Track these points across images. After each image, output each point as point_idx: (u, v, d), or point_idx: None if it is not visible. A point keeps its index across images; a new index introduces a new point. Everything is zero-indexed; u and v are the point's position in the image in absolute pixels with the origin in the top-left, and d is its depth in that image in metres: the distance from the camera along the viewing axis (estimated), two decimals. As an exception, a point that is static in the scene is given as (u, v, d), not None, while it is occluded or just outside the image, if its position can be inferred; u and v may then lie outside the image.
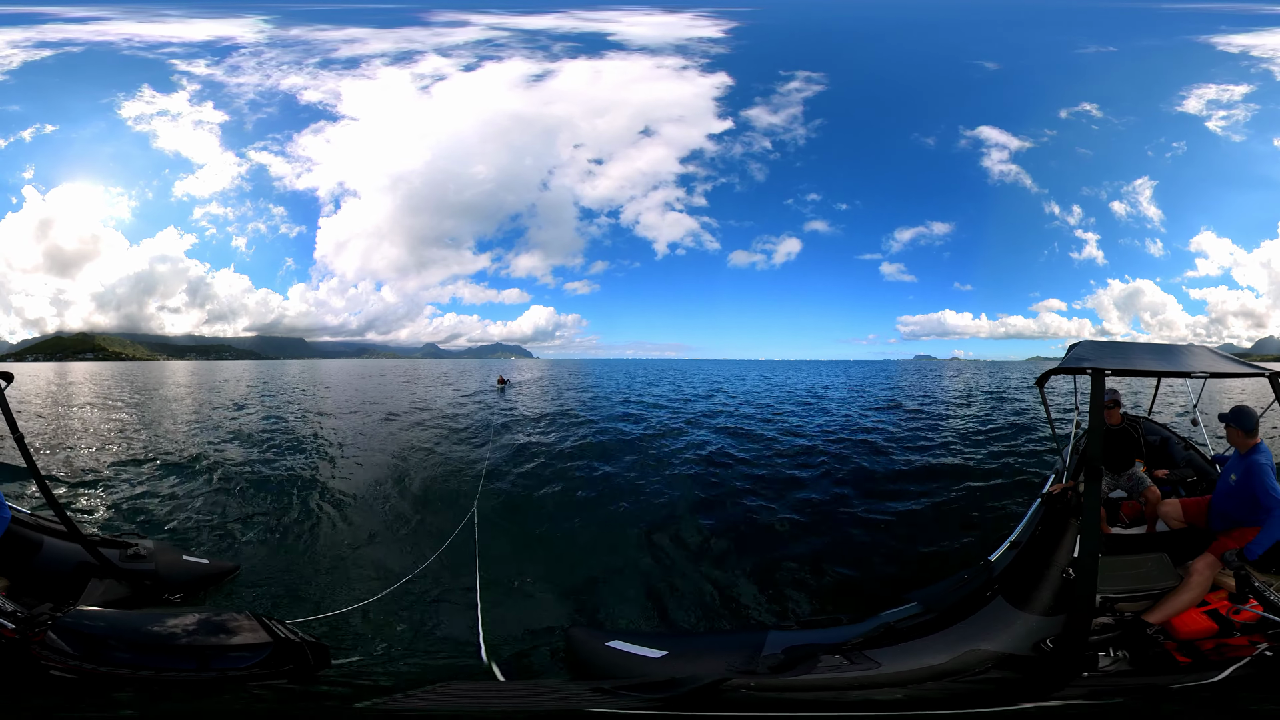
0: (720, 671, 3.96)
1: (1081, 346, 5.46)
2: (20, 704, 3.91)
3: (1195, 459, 7.33)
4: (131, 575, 5.87)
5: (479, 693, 4.17)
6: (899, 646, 4.23)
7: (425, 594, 6.63)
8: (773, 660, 4.20)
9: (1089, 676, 4.03)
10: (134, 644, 4.30)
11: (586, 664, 4.57)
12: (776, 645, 4.38)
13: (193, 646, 4.32)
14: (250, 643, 4.33)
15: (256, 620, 4.50)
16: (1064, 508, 5.00)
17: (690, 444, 15.56)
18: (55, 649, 4.11)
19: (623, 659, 4.43)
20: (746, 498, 10.36)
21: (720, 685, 3.80)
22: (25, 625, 4.20)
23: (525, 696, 4.15)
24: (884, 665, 4.03)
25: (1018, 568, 4.84)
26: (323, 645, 4.66)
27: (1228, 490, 4.97)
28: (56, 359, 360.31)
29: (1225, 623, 4.28)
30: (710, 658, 4.34)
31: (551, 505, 10.33)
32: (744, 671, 4.05)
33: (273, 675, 4.29)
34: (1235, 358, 5.37)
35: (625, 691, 3.83)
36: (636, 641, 4.61)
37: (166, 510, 9.26)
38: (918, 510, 9.41)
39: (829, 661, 4.08)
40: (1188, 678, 3.90)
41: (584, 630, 5.09)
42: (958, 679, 3.99)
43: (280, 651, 4.35)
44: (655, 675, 4.08)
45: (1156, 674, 4.05)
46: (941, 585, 5.15)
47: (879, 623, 4.63)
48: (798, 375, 65.67)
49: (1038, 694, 3.87)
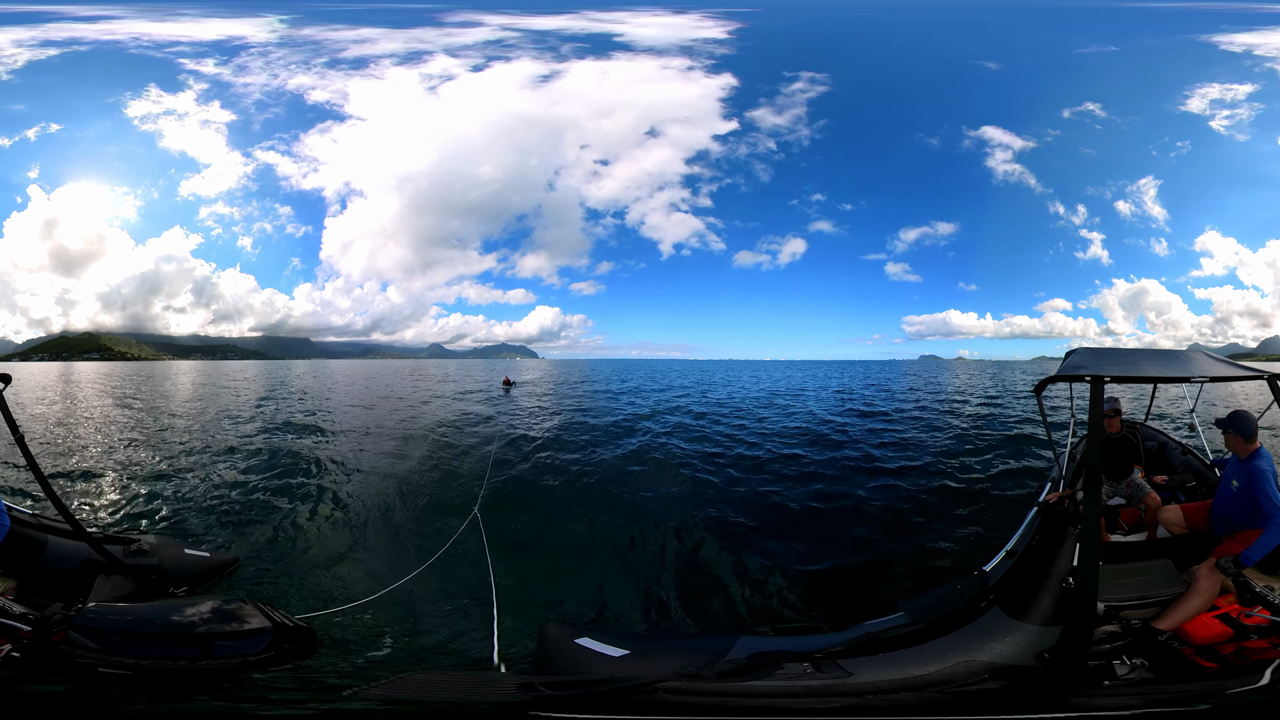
0: (663, 673, 3.86)
1: (1079, 354, 5.42)
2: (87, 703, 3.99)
3: (1193, 464, 7.29)
4: (136, 570, 5.91)
5: (430, 683, 4.19)
6: (879, 656, 4.12)
7: (425, 594, 6.67)
8: (729, 665, 4.08)
9: (1110, 685, 3.97)
10: (156, 636, 4.42)
11: (550, 660, 4.48)
12: (743, 650, 4.27)
13: (209, 635, 4.45)
14: (256, 628, 4.49)
15: (255, 607, 4.68)
16: (1061, 516, 4.93)
17: (690, 444, 15.61)
18: (80, 645, 4.18)
19: (584, 656, 4.35)
20: (747, 498, 10.39)
21: (650, 686, 3.69)
22: (40, 626, 4.27)
23: (465, 687, 4.12)
24: (855, 675, 3.90)
25: (1015, 577, 4.75)
26: (311, 630, 4.81)
27: (1230, 496, 4.94)
28: (62, 359, 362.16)
29: (1239, 626, 4.24)
30: (668, 659, 4.22)
31: (552, 505, 10.36)
32: (688, 674, 3.93)
33: (277, 659, 4.45)
34: (1233, 361, 5.34)
35: (553, 689, 3.76)
36: (604, 640, 4.53)
37: (166, 506, 9.33)
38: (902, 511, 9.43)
39: (792, 669, 3.95)
40: (1231, 683, 3.80)
41: (557, 626, 5.00)
42: (942, 689, 3.89)
43: (280, 636, 4.53)
44: (597, 673, 4.00)
45: (1183, 680, 4.00)
46: (932, 595, 5.06)
47: (861, 632, 4.52)
48: (797, 375, 65.56)
49: (1044, 703, 3.79)
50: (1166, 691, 3.95)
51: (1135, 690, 3.94)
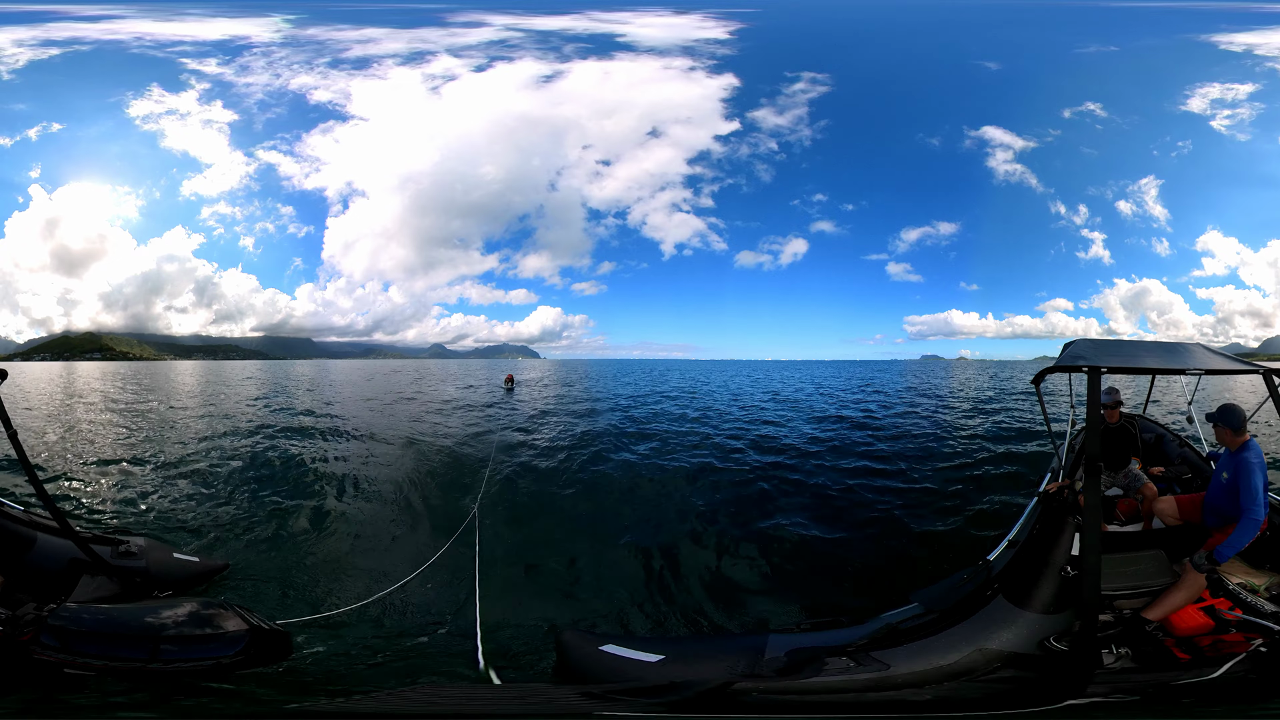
0: (723, 675, 3.90)
1: (1078, 345, 5.45)
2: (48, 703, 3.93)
3: (1190, 456, 7.32)
4: (122, 572, 5.88)
5: (467, 696, 4.09)
6: (905, 647, 4.21)
7: (424, 595, 6.62)
8: (777, 663, 4.15)
9: (1100, 674, 4.03)
10: (127, 637, 4.35)
11: (578, 668, 4.48)
12: (779, 648, 4.33)
13: (181, 637, 4.39)
14: (231, 631, 4.43)
15: (234, 610, 4.61)
16: (1061, 506, 5.00)
17: (690, 441, 15.55)
18: (50, 646, 4.12)
19: (618, 663, 4.35)
20: (743, 499, 10.35)
21: (728, 688, 3.72)
22: (11, 625, 4.23)
23: (515, 700, 4.07)
24: (893, 666, 3.99)
25: (1017, 566, 4.84)
26: (286, 634, 4.77)
27: (1221, 488, 4.99)
28: (63, 359, 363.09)
29: (1220, 619, 4.31)
30: (710, 661, 4.28)
31: (553, 505, 10.35)
32: (750, 675, 3.99)
33: (249, 663, 4.37)
34: (1230, 355, 5.36)
35: (620, 696, 3.73)
36: (631, 645, 4.54)
37: (159, 508, 9.29)
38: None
39: (835, 664, 4.04)
40: (1188, 674, 3.91)
41: (576, 633, 5.00)
42: (970, 679, 3.97)
43: (255, 639, 4.47)
44: (654, 680, 4.00)
45: (1159, 670, 4.06)
46: (941, 585, 5.14)
47: (881, 624, 4.60)
48: (798, 375, 65.56)
49: (1060, 694, 3.81)
50: (1136, 681, 4.00)
51: (1120, 680, 3.99)
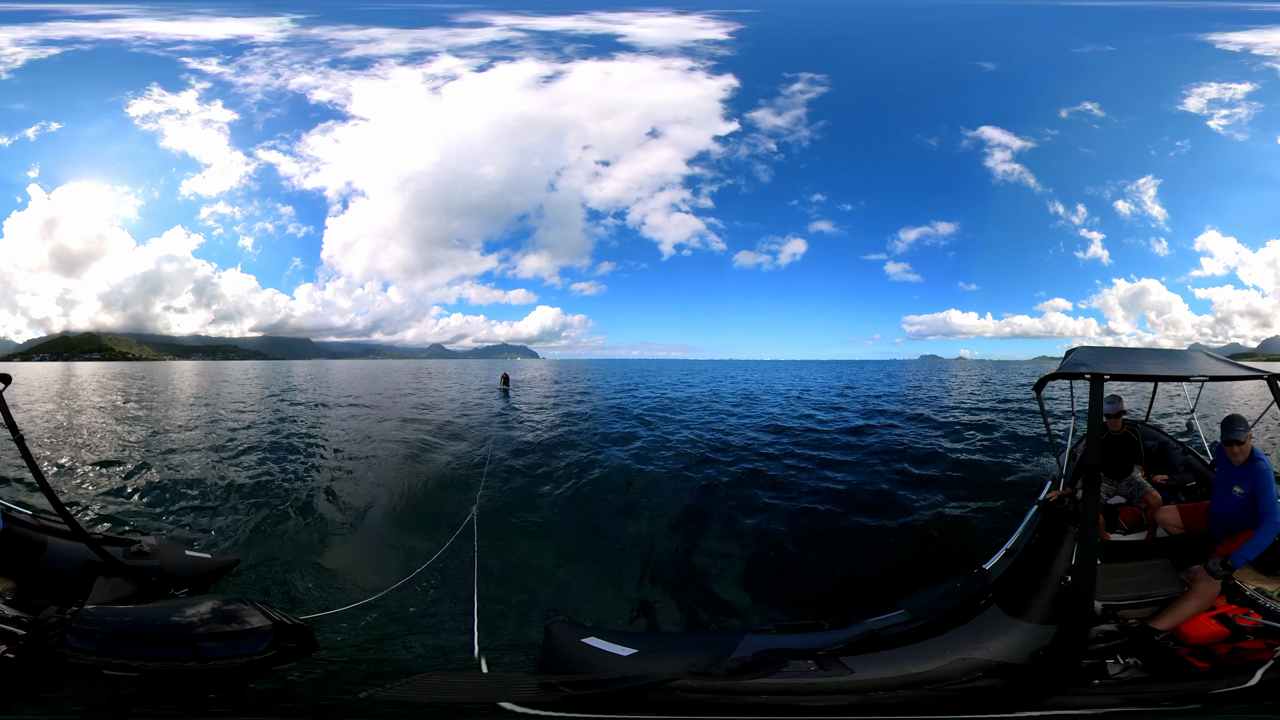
0: (675, 671, 3.93)
1: (1079, 352, 5.43)
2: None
3: (1194, 464, 7.29)
4: (137, 572, 5.91)
5: (447, 684, 4.22)
6: (880, 654, 4.19)
7: (424, 594, 6.67)
8: (736, 662, 4.15)
9: (1100, 684, 3.99)
10: (158, 637, 4.42)
11: (558, 658, 4.55)
12: (749, 648, 4.33)
13: (211, 635, 4.45)
14: (257, 627, 4.49)
15: (255, 606, 4.67)
16: (1061, 514, 4.94)
17: (689, 441, 15.59)
18: (80, 649, 4.16)
19: (592, 655, 4.41)
20: (742, 499, 10.38)
21: (666, 684, 3.77)
22: (35, 629, 4.26)
23: (478, 687, 4.17)
24: (857, 672, 3.97)
25: (1014, 576, 4.78)
26: (309, 628, 4.82)
27: (1236, 502, 4.90)
28: (63, 359, 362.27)
29: (1235, 627, 4.25)
30: (676, 657, 4.31)
31: (551, 503, 10.37)
32: (699, 673, 4.01)
33: (280, 658, 4.45)
34: (1234, 361, 5.36)
35: (573, 688, 3.84)
36: (611, 639, 4.59)
37: (166, 507, 9.35)
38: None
39: (797, 666, 4.03)
40: (1219, 683, 3.84)
41: (563, 625, 5.07)
42: (940, 687, 3.93)
43: (281, 635, 4.53)
44: (609, 673, 4.07)
45: (1174, 680, 4.02)
46: (933, 593, 5.08)
47: (863, 629, 4.57)
48: (796, 376, 65.54)
49: (1033, 701, 3.81)
50: (1155, 690, 3.98)
51: (1123, 689, 3.97)
